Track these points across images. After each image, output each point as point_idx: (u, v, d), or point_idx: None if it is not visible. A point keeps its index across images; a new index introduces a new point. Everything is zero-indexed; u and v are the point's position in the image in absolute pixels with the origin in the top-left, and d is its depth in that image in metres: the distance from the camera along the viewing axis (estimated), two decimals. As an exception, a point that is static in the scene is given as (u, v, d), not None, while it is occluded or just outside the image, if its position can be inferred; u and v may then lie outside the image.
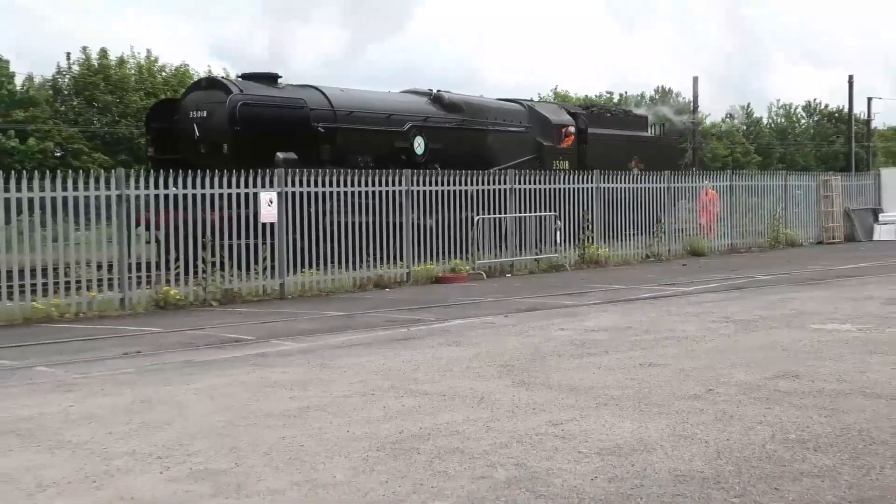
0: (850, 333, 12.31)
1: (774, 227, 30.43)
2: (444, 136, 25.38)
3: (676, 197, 27.90)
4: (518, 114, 28.50)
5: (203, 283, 17.37)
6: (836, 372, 9.68)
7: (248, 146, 20.20)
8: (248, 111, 20.59)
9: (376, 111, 24.30)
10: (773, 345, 11.51)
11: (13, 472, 6.78)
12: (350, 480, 6.37)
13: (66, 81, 50.53)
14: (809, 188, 33.06)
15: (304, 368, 10.67)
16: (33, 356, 11.98)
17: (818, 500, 5.81)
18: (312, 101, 22.79)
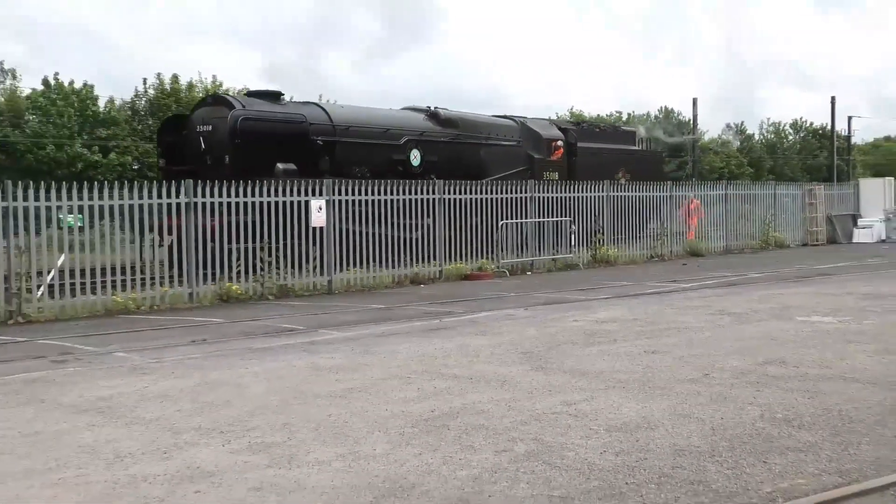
0: (831, 325, 12.23)
1: (765, 230, 30.30)
2: (440, 150, 24.44)
3: (677, 204, 27.84)
4: (510, 129, 27.38)
5: (261, 280, 17.44)
6: (818, 359, 9.62)
7: (249, 158, 19.50)
8: (248, 125, 19.92)
9: (374, 126, 23.40)
10: (763, 335, 11.45)
11: (95, 444, 6.84)
12: (388, 453, 6.39)
13: (142, 103, 50.80)
14: (796, 196, 32.96)
15: (348, 355, 10.69)
16: (113, 343, 12.07)
17: (802, 472, 5.78)
18: (312, 116, 22.10)
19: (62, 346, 11.83)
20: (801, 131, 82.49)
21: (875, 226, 34.16)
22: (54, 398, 8.56)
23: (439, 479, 5.77)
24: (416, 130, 24.26)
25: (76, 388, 8.98)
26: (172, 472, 6.06)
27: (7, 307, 14.47)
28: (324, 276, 18.66)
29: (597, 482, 5.65)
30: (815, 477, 5.69)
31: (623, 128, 32.74)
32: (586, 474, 5.81)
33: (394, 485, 5.68)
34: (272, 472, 6.00)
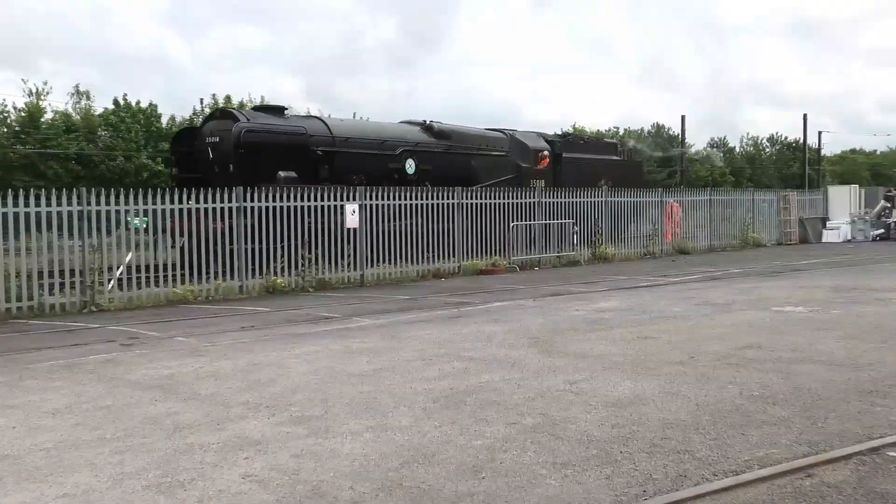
0: (802, 314, 12.17)
1: (744, 231, 30.17)
2: (433, 159, 23.57)
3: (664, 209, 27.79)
4: (500, 140, 26.44)
5: (302, 274, 17.51)
6: (790, 344, 9.58)
7: (252, 166, 18.82)
8: (250, 137, 19.25)
9: (371, 137, 22.60)
10: (742, 323, 11.41)
11: (157, 416, 6.88)
12: (412, 425, 6.41)
13: (199, 121, 51.01)
14: (772, 202, 32.85)
15: (378, 339, 10.71)
16: (173, 329, 12.14)
17: (776, 443, 5.77)
18: (313, 128, 21.38)
19: (129, 332, 11.90)
20: (776, 144, 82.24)
21: (842, 227, 34.16)
22: (122, 376, 8.63)
23: (457, 448, 5.79)
24: (411, 142, 23.49)
25: (141, 368, 9.05)
26: (224, 441, 6.10)
27: (82, 298, 14.59)
28: (357, 271, 18.71)
29: (595, 451, 5.66)
30: (787, 447, 5.69)
31: (605, 140, 32.02)
32: (586, 444, 5.82)
33: (417, 453, 5.70)
34: (311, 441, 6.03)
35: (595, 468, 5.31)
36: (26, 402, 7.51)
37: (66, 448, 6.04)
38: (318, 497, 4.91)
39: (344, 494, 4.93)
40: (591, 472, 5.23)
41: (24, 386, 8.27)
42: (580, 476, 5.17)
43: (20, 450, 6.03)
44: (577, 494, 4.86)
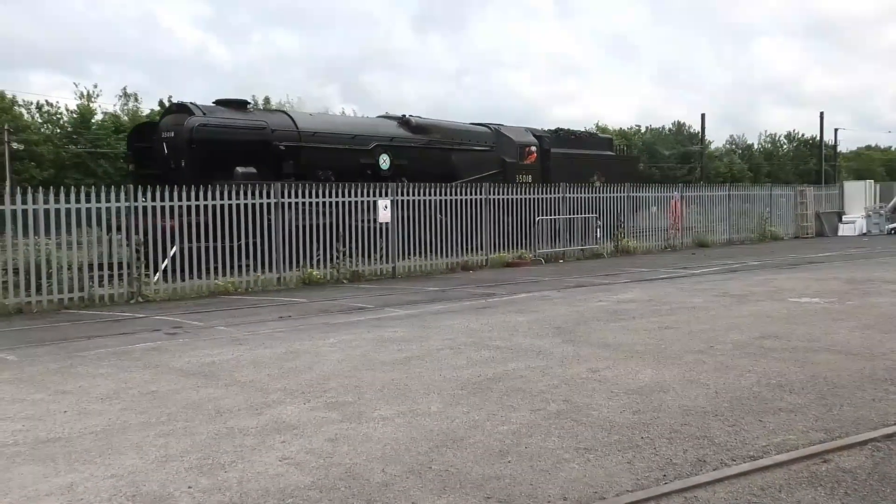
0: (818, 305, 12.03)
1: (762, 225, 29.90)
2: (410, 154, 22.26)
3: (685, 203, 27.51)
4: (484, 135, 25.11)
5: (337, 267, 17.57)
6: (807, 334, 9.48)
7: (205, 161, 17.58)
8: (203, 131, 18.02)
9: (342, 132, 21.21)
10: (760, 313, 11.30)
11: (200, 401, 6.93)
12: (441, 411, 6.41)
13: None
14: (789, 197, 32.52)
15: (408, 329, 10.72)
16: (215, 319, 12.22)
17: (792, 429, 5.71)
18: (277, 123, 20.06)
19: (174, 321, 12.00)
20: (794, 142, 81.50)
21: (857, 221, 33.77)
22: (167, 363, 8.69)
23: (484, 433, 5.78)
24: (385, 136, 22.16)
25: (185, 356, 9.11)
26: (262, 425, 6.13)
27: (129, 289, 14.72)
28: (389, 264, 18.74)
29: (617, 436, 5.63)
30: (803, 433, 5.63)
31: (599, 135, 30.55)
32: (608, 430, 5.79)
33: (446, 437, 5.70)
34: (345, 426, 6.05)
35: (617, 453, 5.28)
36: (77, 388, 7.59)
37: (114, 431, 6.10)
38: (352, 479, 4.92)
39: (376, 477, 4.94)
40: (613, 457, 5.20)
41: (74, 372, 8.36)
42: (602, 460, 5.14)
43: (71, 432, 6.11)
44: (599, 478, 4.83)
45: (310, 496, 4.66)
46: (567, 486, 4.72)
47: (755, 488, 4.64)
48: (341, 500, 4.60)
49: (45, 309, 13.64)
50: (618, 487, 4.68)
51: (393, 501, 4.55)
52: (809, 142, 77.47)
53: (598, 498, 4.53)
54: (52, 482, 5.03)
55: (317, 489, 4.77)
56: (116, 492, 4.82)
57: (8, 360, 9.18)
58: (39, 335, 11.05)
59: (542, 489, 4.68)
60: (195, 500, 4.67)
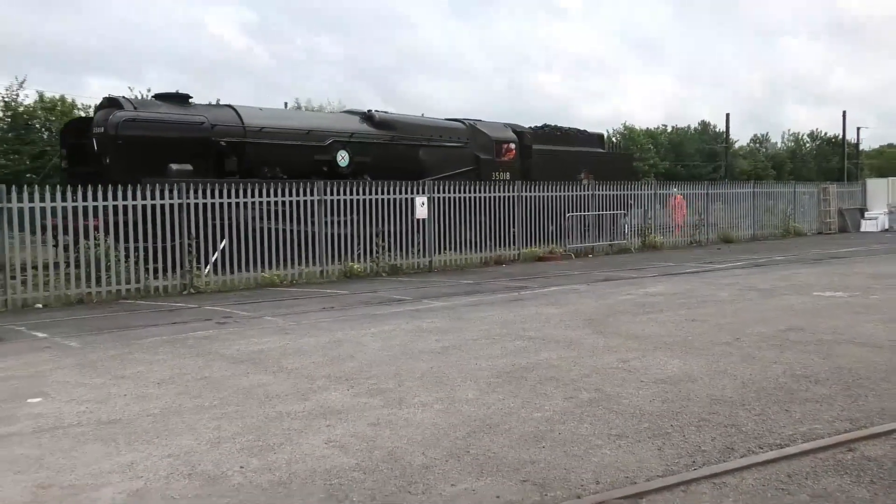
0: (842, 299, 11.86)
1: (786, 221, 29.52)
2: (372, 151, 20.34)
3: (712, 200, 27.20)
4: (457, 131, 22.96)
5: (377, 260, 17.63)
6: (831, 327, 9.35)
7: (133, 158, 16.08)
8: (130, 127, 16.38)
9: (294, 128, 19.31)
10: (785, 307, 11.17)
11: (251, 387, 6.99)
12: (477, 398, 6.41)
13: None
14: (812, 194, 32.05)
15: (445, 320, 10.73)
16: (263, 310, 12.31)
17: (818, 419, 5.64)
18: (219, 118, 18.13)
19: (224, 312, 12.10)
20: (816, 140, 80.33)
21: (879, 217, 33.22)
22: (218, 351, 8.78)
23: (518, 420, 5.77)
24: (344, 132, 20.08)
25: (235, 344, 9.19)
26: (309, 410, 6.18)
27: (182, 281, 14.88)
28: (425, 258, 18.77)
29: (647, 424, 5.59)
30: (829, 423, 5.55)
31: (589, 131, 28.04)
32: (638, 417, 5.76)
33: (482, 423, 5.70)
34: (386, 412, 6.07)
35: (647, 440, 5.25)
36: (135, 373, 7.70)
37: (170, 414, 6.18)
38: (393, 461, 4.94)
39: (416, 460, 4.96)
40: (644, 444, 5.17)
41: (132, 358, 8.47)
42: (633, 447, 5.12)
43: (130, 415, 6.19)
44: (630, 464, 4.81)
45: (354, 477, 4.69)
46: (599, 470, 4.71)
47: (782, 475, 4.59)
48: (384, 481, 4.62)
49: (104, 299, 13.84)
50: (648, 472, 4.65)
51: (433, 483, 4.57)
52: (832, 140, 76.29)
53: (629, 483, 4.51)
54: (113, 460, 5.11)
55: (360, 470, 4.80)
56: (173, 470, 4.89)
57: (72, 347, 9.33)
58: (99, 323, 11.21)
59: (576, 473, 4.66)
60: (247, 479, 4.72)
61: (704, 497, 4.30)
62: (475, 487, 4.49)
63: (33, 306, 13.13)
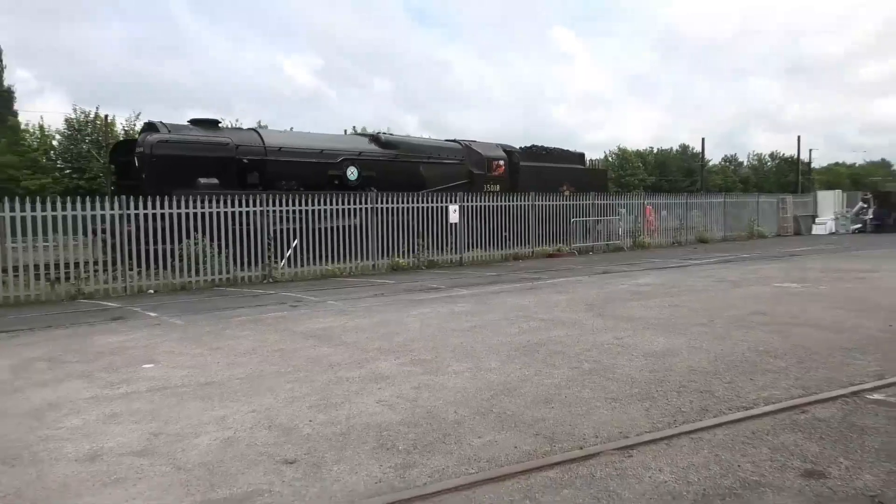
0: (797, 289, 11.67)
1: (750, 226, 29.07)
2: (378, 167, 19.48)
3: (690, 208, 26.87)
4: (454, 150, 22.00)
5: (418, 256, 17.64)
6: (788, 311, 9.20)
7: (164, 174, 15.59)
8: (162, 147, 15.91)
9: (309, 147, 18.51)
10: (750, 295, 11.01)
11: (315, 357, 7.03)
12: (500, 367, 6.40)
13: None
14: (773, 203, 31.50)
15: (473, 304, 10.72)
16: (326, 296, 12.37)
17: (777, 386, 5.56)
18: (243, 140, 17.62)
19: (296, 297, 12.16)
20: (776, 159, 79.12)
21: (828, 223, 32.64)
22: (291, 328, 8.83)
23: (532, 385, 5.76)
24: (353, 151, 19.39)
25: (304, 323, 9.25)
26: (363, 375, 6.20)
27: (263, 272, 15.01)
28: (457, 254, 18.73)
29: (637, 389, 5.55)
30: (785, 390, 5.48)
31: (572, 151, 26.57)
32: (630, 384, 5.71)
33: (504, 387, 5.69)
34: (426, 378, 6.08)
35: (637, 402, 5.21)
36: (226, 345, 7.78)
37: (254, 378, 6.24)
38: (431, 418, 4.95)
39: (450, 416, 4.97)
40: (634, 405, 5.14)
41: (224, 334, 8.56)
42: (626, 408, 5.08)
43: (223, 378, 6.26)
44: (624, 421, 4.78)
45: (400, 430, 4.71)
46: (598, 426, 4.68)
47: (748, 432, 4.53)
48: (424, 433, 4.63)
49: (202, 286, 14.00)
50: (638, 429, 4.62)
51: (463, 435, 4.57)
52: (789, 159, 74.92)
53: (622, 436, 4.48)
54: (209, 414, 5.17)
55: (405, 425, 4.81)
56: (257, 423, 4.94)
57: (177, 324, 9.46)
58: (198, 306, 11.35)
59: (579, 429, 4.64)
60: (314, 430, 4.75)
61: (684, 449, 4.26)
62: (497, 439, 4.49)
63: (147, 292, 13.33)
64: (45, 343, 8.23)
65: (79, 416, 5.23)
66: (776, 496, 3.60)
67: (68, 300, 12.29)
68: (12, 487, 3.93)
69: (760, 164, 78.96)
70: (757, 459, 4.07)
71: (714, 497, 3.60)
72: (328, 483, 3.87)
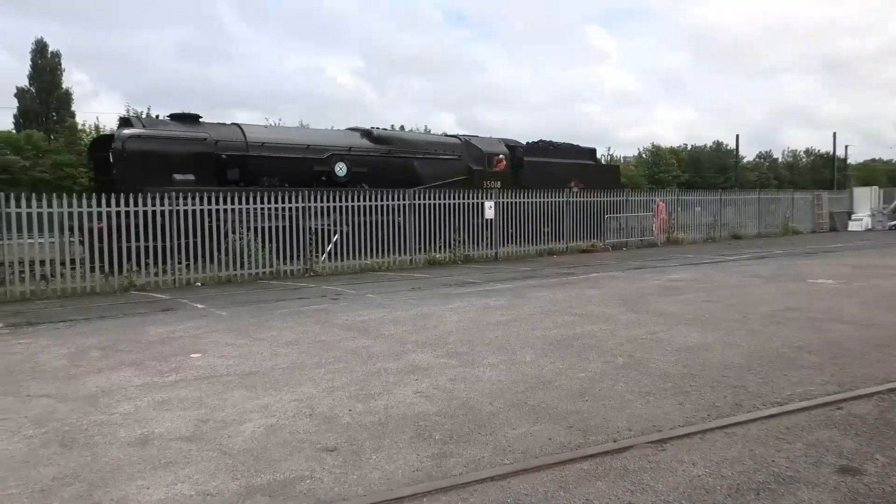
0: (831, 285, 11.38)
1: (785, 222, 28.45)
2: (369, 163, 18.41)
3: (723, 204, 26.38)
4: (452, 146, 20.81)
5: (454, 251, 17.63)
6: (822, 307, 8.99)
7: (136, 170, 14.74)
8: (133, 143, 15.05)
9: (294, 143, 17.51)
10: (784, 291, 10.77)
11: (355, 349, 7.08)
12: (534, 360, 6.37)
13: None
14: (807, 199, 30.79)
15: (508, 298, 10.68)
16: (365, 289, 12.42)
17: (811, 382, 5.44)
18: (223, 135, 16.59)
19: (336, 290, 12.24)
20: (811, 156, 77.28)
21: (864, 219, 31.80)
22: (331, 321, 8.89)
23: (566, 379, 5.72)
24: (343, 147, 18.27)
25: (344, 315, 9.30)
26: (401, 367, 6.23)
27: (304, 266, 15.16)
28: (492, 249, 18.67)
29: (670, 384, 5.48)
30: (821, 386, 5.35)
31: (582, 146, 25.23)
32: (663, 378, 5.64)
33: (538, 381, 5.67)
34: (462, 370, 6.08)
35: (671, 396, 5.14)
36: (269, 336, 7.87)
37: (296, 368, 6.31)
38: (467, 409, 4.95)
39: (485, 408, 4.96)
40: (668, 400, 5.07)
41: (267, 325, 8.66)
42: (659, 402, 5.02)
43: (266, 368, 6.34)
44: (657, 415, 4.72)
45: (436, 420, 4.72)
46: (632, 420, 4.63)
47: (782, 427, 4.44)
48: (460, 424, 4.64)
49: (246, 279, 14.20)
50: (671, 423, 4.56)
51: (498, 427, 4.56)
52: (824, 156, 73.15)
53: (655, 430, 4.42)
54: (254, 402, 5.24)
55: (441, 415, 4.82)
56: (298, 412, 4.99)
57: (222, 315, 9.61)
58: (243, 298, 11.50)
59: (613, 422, 4.60)
60: (354, 419, 4.79)
61: (718, 443, 4.19)
62: (532, 431, 4.47)
63: (194, 284, 13.56)
64: (100, 332, 8.43)
65: (131, 402, 5.35)
66: (811, 492, 3.52)
67: (121, 292, 12.57)
68: (69, 468, 4.04)
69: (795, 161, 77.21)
70: (791, 455, 3.98)
71: (748, 491, 3.53)
72: (367, 471, 3.90)
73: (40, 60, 49.99)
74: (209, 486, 3.74)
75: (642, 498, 3.48)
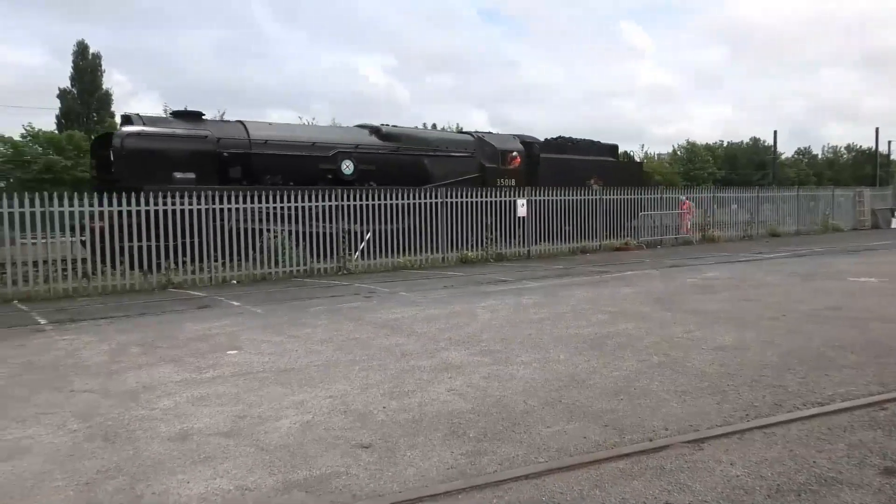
0: (873, 283, 11.11)
1: (825, 219, 27.84)
2: (377, 160, 18.12)
3: (761, 202, 25.90)
4: (463, 143, 20.49)
5: (486, 249, 17.61)
6: (864, 306, 8.77)
7: (135, 168, 14.56)
8: (132, 141, 14.91)
9: (298, 140, 17.29)
10: (823, 289, 10.54)
11: (388, 346, 7.11)
12: (567, 359, 6.33)
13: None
14: (848, 196, 30.08)
15: (541, 296, 10.63)
16: (398, 287, 12.47)
17: (853, 382, 5.31)
18: (227, 132, 16.45)
19: (369, 288, 12.31)
20: (852, 151, 75.46)
21: (908, 216, 31.03)
22: (365, 318, 8.94)
23: (601, 377, 5.67)
24: (349, 144, 17.96)
25: (378, 313, 9.35)
26: (434, 365, 6.24)
27: (338, 264, 15.27)
28: (524, 247, 18.61)
29: (707, 383, 5.40)
30: (863, 386, 5.23)
31: (602, 142, 24.75)
32: (700, 377, 5.56)
33: (571, 379, 5.63)
34: (495, 368, 6.07)
35: (708, 396, 5.07)
36: (304, 334, 7.95)
37: (330, 365, 6.36)
38: (501, 407, 4.94)
39: (519, 406, 4.95)
40: (705, 399, 5.00)
41: (301, 322, 8.75)
42: (696, 401, 4.95)
43: (301, 365, 6.41)
44: (694, 415, 4.66)
45: (470, 418, 4.72)
46: (668, 420, 4.58)
47: (823, 428, 4.35)
48: (494, 422, 4.63)
49: (281, 277, 14.36)
50: (709, 422, 4.50)
51: (532, 425, 4.55)
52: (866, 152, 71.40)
53: (692, 430, 4.37)
54: (289, 399, 5.31)
55: (475, 413, 4.82)
56: (333, 408, 5.04)
57: (258, 313, 9.73)
58: (277, 295, 11.63)
59: (648, 422, 4.55)
60: (388, 416, 4.81)
61: (756, 443, 4.12)
62: (566, 430, 4.45)
63: (230, 282, 13.76)
64: (139, 329, 8.61)
65: (170, 397, 5.45)
66: (853, 493, 3.45)
67: (160, 289, 12.81)
68: (112, 462, 4.14)
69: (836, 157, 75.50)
70: (833, 456, 3.90)
71: (788, 492, 3.47)
72: (402, 468, 3.92)
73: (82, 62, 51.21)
74: (247, 481, 3.80)
75: (679, 497, 3.44)
